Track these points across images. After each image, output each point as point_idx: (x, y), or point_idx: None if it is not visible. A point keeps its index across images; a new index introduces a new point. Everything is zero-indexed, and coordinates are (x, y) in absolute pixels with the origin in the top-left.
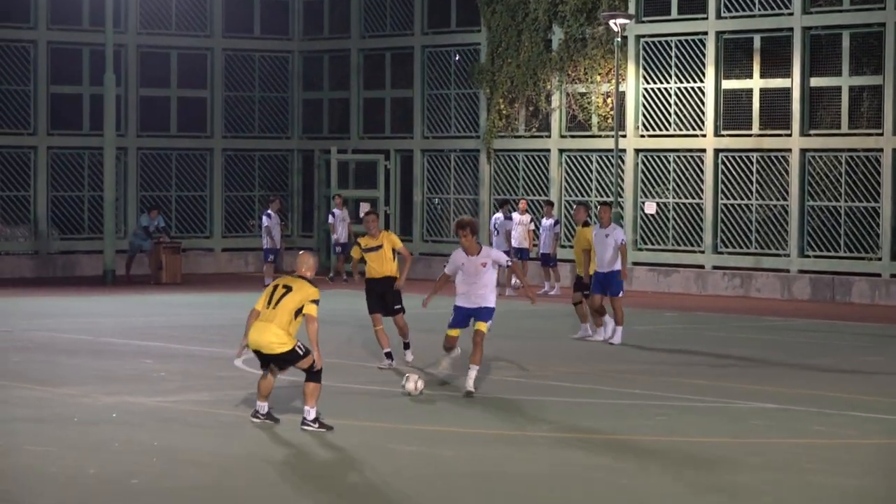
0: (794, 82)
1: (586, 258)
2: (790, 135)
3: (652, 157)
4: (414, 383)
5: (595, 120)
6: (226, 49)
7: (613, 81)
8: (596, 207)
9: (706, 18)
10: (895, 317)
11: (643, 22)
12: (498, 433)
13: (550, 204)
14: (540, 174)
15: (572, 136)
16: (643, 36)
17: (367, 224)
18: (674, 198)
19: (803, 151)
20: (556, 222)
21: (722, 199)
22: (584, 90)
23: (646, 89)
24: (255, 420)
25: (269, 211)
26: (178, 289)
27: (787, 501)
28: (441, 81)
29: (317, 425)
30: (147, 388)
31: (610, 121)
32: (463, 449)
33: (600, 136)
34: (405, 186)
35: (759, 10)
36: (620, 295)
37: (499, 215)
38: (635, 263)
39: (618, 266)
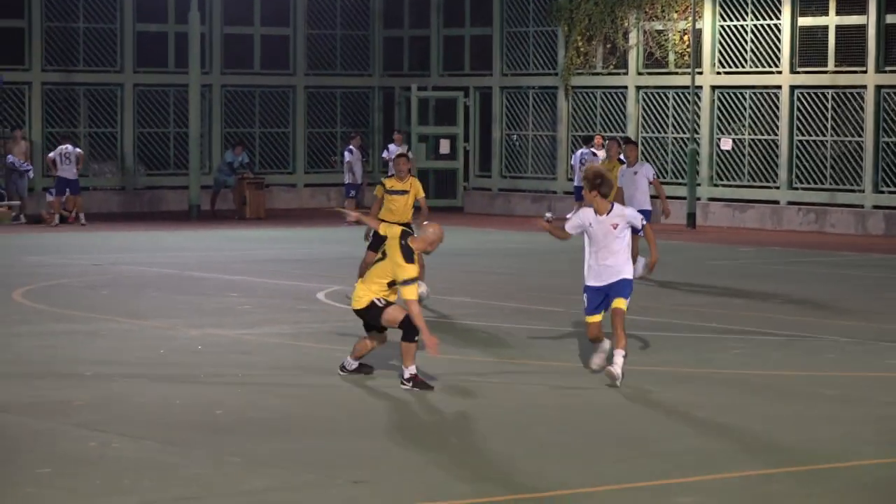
0: (869, 19)
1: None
2: (865, 71)
3: (728, 93)
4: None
5: (672, 57)
6: None
7: (690, 19)
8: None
9: None
10: None
11: None
12: (574, 366)
13: (630, 140)
14: (617, 111)
15: (649, 73)
16: None
17: (398, 166)
18: (749, 134)
19: (878, 88)
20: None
21: (797, 135)
22: (661, 27)
23: (722, 26)
24: (341, 373)
25: (351, 147)
26: (262, 223)
27: (862, 434)
28: (520, 19)
29: (411, 384)
30: (231, 321)
31: (686, 58)
32: (538, 381)
33: (677, 73)
34: (484, 123)
35: None
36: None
37: (585, 150)
38: (711, 199)
39: (648, 205)
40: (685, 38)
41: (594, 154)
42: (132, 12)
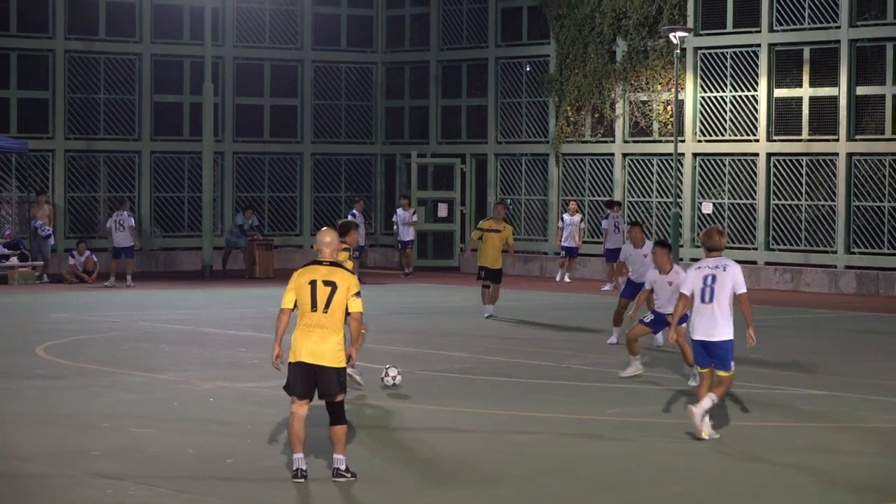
0: (841, 91)
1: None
2: (837, 140)
3: (709, 160)
4: (392, 378)
5: (656, 126)
6: (315, 61)
7: (673, 90)
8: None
9: (759, 31)
10: None
11: (701, 35)
12: (564, 416)
13: (618, 204)
14: (605, 177)
15: (635, 142)
16: (701, 48)
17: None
18: (729, 198)
19: (850, 155)
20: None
21: (774, 199)
22: (645, 98)
23: (703, 97)
24: (299, 481)
25: (354, 211)
26: (271, 282)
27: (837, 481)
28: (513, 90)
29: (350, 474)
30: (242, 374)
31: (670, 127)
32: (532, 431)
33: (661, 142)
34: (479, 188)
35: (809, 23)
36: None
37: (614, 214)
38: (693, 260)
39: None
40: (668, 108)
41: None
42: (150, 84)
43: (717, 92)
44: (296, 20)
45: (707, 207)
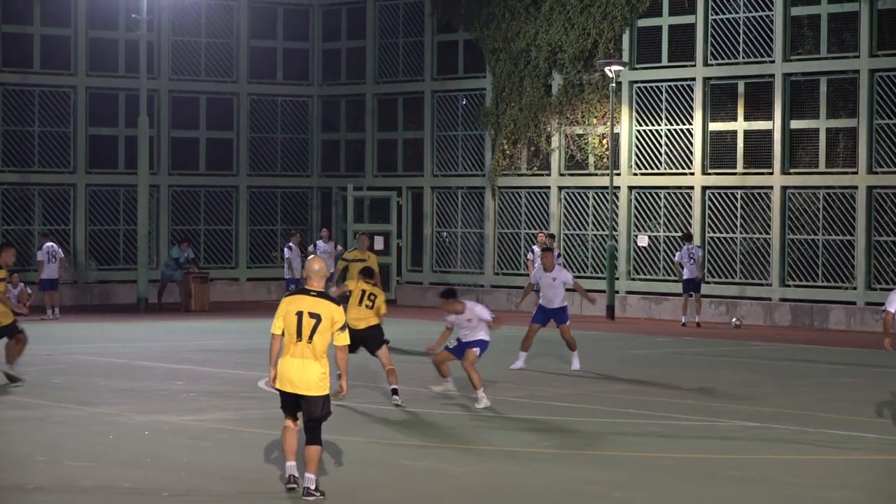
0: (775, 124)
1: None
2: (772, 173)
3: (644, 193)
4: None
5: (591, 159)
6: (251, 94)
7: (609, 124)
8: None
9: (694, 66)
10: (870, 342)
11: (636, 69)
12: (500, 449)
13: (552, 237)
14: (541, 209)
15: (571, 175)
16: (636, 82)
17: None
18: (664, 231)
19: (784, 188)
20: (558, 255)
21: (709, 232)
22: (581, 132)
23: (638, 131)
24: (292, 486)
25: (291, 244)
26: (206, 315)
27: None
28: (449, 123)
29: (318, 493)
30: (177, 408)
31: (605, 160)
32: (467, 464)
33: (596, 175)
34: (416, 221)
35: (743, 57)
36: (567, 323)
37: (692, 246)
38: (629, 292)
39: (565, 302)
40: (604, 141)
41: (698, 247)
42: (84, 117)
43: (653, 125)
44: (231, 53)
45: (643, 240)
